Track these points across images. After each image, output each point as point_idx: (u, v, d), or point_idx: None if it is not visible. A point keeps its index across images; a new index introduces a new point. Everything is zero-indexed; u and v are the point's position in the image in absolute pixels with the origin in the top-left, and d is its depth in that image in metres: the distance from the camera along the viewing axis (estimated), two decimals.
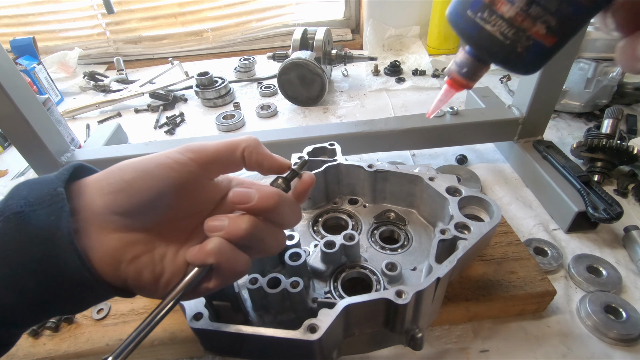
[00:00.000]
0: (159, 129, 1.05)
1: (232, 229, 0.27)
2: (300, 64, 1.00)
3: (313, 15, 1.50)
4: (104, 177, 0.27)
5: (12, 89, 0.65)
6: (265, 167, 0.31)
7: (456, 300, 0.49)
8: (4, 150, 1.02)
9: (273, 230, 0.29)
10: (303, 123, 1.03)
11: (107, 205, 0.26)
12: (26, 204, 0.24)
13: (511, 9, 0.21)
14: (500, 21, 0.21)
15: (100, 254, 0.25)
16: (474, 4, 0.22)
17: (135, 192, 0.26)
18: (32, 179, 0.26)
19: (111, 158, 0.76)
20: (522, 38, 0.21)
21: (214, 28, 1.48)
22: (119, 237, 0.26)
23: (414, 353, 0.49)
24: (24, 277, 0.23)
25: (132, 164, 0.27)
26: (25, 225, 0.23)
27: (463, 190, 0.47)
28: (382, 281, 0.44)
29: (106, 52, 1.48)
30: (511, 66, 0.23)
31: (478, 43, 0.23)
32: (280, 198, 0.28)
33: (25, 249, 0.23)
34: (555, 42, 0.22)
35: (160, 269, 0.27)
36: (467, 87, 0.27)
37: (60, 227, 0.23)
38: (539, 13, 0.20)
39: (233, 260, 0.27)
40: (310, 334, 0.33)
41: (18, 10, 1.43)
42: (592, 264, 0.58)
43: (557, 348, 0.49)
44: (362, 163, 0.53)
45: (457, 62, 0.26)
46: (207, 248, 0.27)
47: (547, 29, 0.21)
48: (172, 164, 0.27)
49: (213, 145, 0.29)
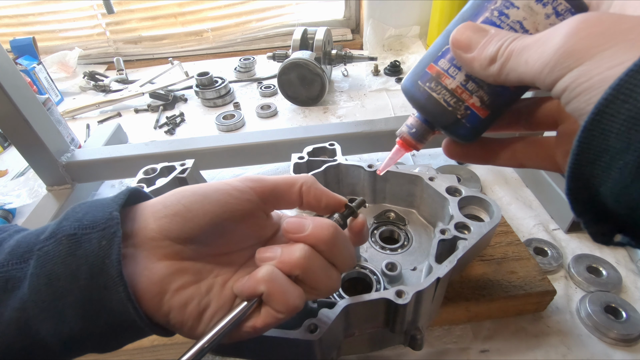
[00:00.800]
0: (159, 129, 1.05)
1: (285, 258, 0.26)
2: (300, 64, 1.00)
3: (313, 15, 1.50)
4: (161, 200, 0.26)
5: (12, 89, 0.65)
6: (323, 203, 0.30)
7: (456, 300, 0.49)
8: (4, 150, 1.02)
9: (327, 267, 0.28)
10: (303, 123, 1.03)
11: (161, 230, 0.25)
12: (80, 227, 0.23)
13: (453, 82, 0.25)
14: (444, 91, 0.25)
15: (147, 283, 0.24)
16: (424, 75, 0.26)
17: (192, 216, 0.25)
18: (90, 201, 0.26)
19: (111, 158, 0.76)
20: (462, 107, 0.25)
21: (214, 28, 1.48)
22: (168, 265, 0.25)
23: (414, 353, 0.49)
24: (67, 305, 0.22)
25: (190, 188, 0.27)
26: (76, 249, 0.23)
27: (463, 190, 0.47)
28: (382, 281, 0.44)
29: (106, 52, 1.48)
30: (452, 131, 0.27)
31: (426, 108, 0.27)
32: (336, 230, 0.27)
33: (72, 275, 0.22)
34: (488, 114, 0.25)
35: (206, 302, 0.26)
36: (416, 148, 0.30)
37: (110, 253, 0.22)
38: (474, 88, 0.25)
39: (286, 291, 0.25)
40: (310, 333, 0.33)
41: (18, 10, 1.43)
42: (592, 264, 0.58)
43: (557, 348, 0.49)
44: (362, 163, 0.53)
45: (408, 125, 0.29)
46: (258, 276, 0.25)
47: (481, 102, 0.25)
48: (232, 191, 0.27)
49: (272, 179, 0.29)
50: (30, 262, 0.23)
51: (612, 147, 0.16)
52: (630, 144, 0.16)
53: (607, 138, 0.16)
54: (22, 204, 0.81)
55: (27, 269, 0.23)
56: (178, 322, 0.25)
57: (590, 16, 0.18)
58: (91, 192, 0.83)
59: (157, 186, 0.55)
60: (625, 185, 0.16)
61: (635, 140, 0.15)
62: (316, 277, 0.27)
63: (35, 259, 0.23)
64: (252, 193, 0.28)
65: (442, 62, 0.25)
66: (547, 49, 0.19)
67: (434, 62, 0.26)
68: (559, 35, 0.18)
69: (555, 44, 0.18)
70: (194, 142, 0.78)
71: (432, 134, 0.29)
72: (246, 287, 0.26)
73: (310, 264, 0.26)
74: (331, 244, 0.27)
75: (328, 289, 0.28)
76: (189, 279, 0.26)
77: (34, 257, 0.23)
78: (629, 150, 0.16)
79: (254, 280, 0.26)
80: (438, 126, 0.28)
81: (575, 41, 0.17)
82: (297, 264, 0.26)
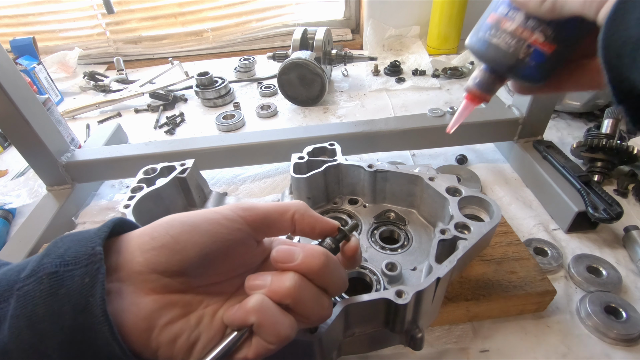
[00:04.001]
0: (159, 129, 1.05)
1: (275, 287, 0.25)
2: (300, 64, 1.00)
3: (313, 15, 1.50)
4: (148, 232, 0.25)
5: (12, 89, 0.65)
6: (317, 230, 0.30)
7: (456, 300, 0.49)
8: (4, 150, 1.02)
9: (318, 295, 0.27)
10: (303, 123, 1.03)
11: (148, 263, 0.24)
12: (62, 263, 0.22)
13: (512, 24, 0.25)
14: (504, 34, 0.25)
15: (134, 319, 0.23)
16: (485, 26, 0.27)
17: (180, 247, 0.25)
18: (71, 233, 0.25)
19: (111, 158, 0.76)
20: (523, 46, 0.25)
21: (214, 28, 1.48)
22: (156, 299, 0.24)
23: (414, 353, 0.49)
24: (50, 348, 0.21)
25: (179, 218, 0.26)
26: (58, 288, 0.21)
27: (463, 190, 0.47)
28: (382, 281, 0.44)
29: (106, 52, 1.48)
30: (518, 74, 0.26)
31: (489, 56, 0.27)
32: (327, 258, 0.27)
33: (55, 316, 0.21)
34: (554, 49, 0.25)
35: (196, 335, 0.25)
36: (485, 99, 0.30)
37: (94, 292, 0.21)
38: (536, 25, 0.24)
39: (276, 321, 0.25)
40: (310, 334, 0.33)
41: (18, 10, 1.43)
42: (592, 264, 0.58)
43: (557, 348, 0.49)
44: (362, 163, 0.53)
45: (474, 78, 0.29)
46: (248, 305, 0.25)
47: (545, 37, 0.24)
48: (221, 220, 0.26)
49: (263, 206, 0.28)
50: (11, 302, 0.22)
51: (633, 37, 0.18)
52: None
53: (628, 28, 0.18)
54: (22, 204, 0.81)
55: (7, 309, 0.22)
56: (168, 357, 0.24)
57: None
58: (91, 192, 0.83)
59: (157, 186, 0.55)
60: None
61: None
62: (307, 305, 0.26)
63: (15, 299, 0.22)
64: (242, 222, 0.27)
65: (501, 8, 0.26)
66: None
67: (493, 11, 0.26)
68: None
69: None
70: (194, 142, 0.78)
71: (500, 83, 0.29)
72: (236, 317, 0.25)
73: (300, 293, 0.26)
74: (322, 272, 0.27)
75: (319, 316, 0.28)
76: (177, 312, 0.25)
77: (14, 297, 0.22)
78: None
79: (243, 311, 0.25)
80: (503, 71, 0.27)
81: None
82: (288, 294, 0.25)
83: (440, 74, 1.19)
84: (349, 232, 0.30)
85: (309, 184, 0.53)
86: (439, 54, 1.31)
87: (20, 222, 0.77)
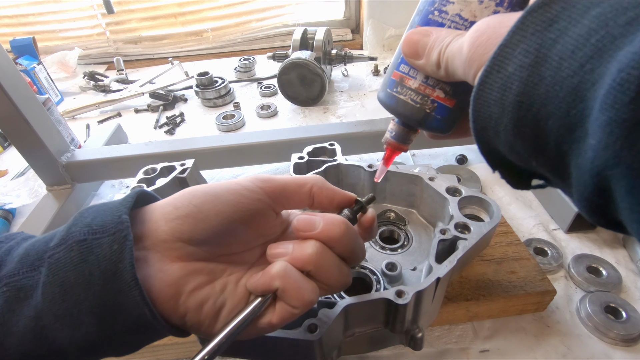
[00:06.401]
0: (159, 129, 1.05)
1: (297, 254, 0.26)
2: (300, 64, 1.00)
3: (313, 15, 1.50)
4: (171, 202, 0.26)
5: (12, 89, 0.65)
6: (335, 202, 0.30)
7: (456, 300, 0.49)
8: (4, 150, 1.02)
9: (338, 263, 0.28)
10: (303, 123, 1.03)
11: (173, 231, 0.25)
12: (89, 232, 0.23)
13: (415, 82, 0.27)
14: (410, 91, 0.28)
15: (162, 285, 0.24)
16: (391, 83, 0.29)
17: (203, 216, 0.25)
18: (96, 204, 0.26)
19: (111, 158, 0.76)
20: (428, 101, 0.27)
21: (214, 28, 1.48)
22: (182, 266, 0.25)
23: (414, 353, 0.49)
24: (82, 312, 0.22)
25: (201, 188, 0.27)
26: (88, 255, 0.22)
27: (463, 190, 0.47)
28: (382, 281, 0.44)
29: (106, 52, 1.48)
30: (427, 126, 0.28)
31: (397, 110, 0.29)
32: (347, 227, 0.28)
33: (86, 281, 0.22)
34: (455, 103, 0.27)
35: (221, 301, 0.26)
36: (402, 149, 0.32)
37: (122, 258, 0.22)
38: (434, 82, 0.27)
39: (300, 286, 0.25)
40: (310, 333, 0.33)
41: (18, 10, 1.43)
42: (592, 264, 0.58)
43: (557, 348, 0.49)
44: (362, 163, 0.53)
45: (390, 131, 0.32)
46: (272, 271, 0.25)
47: (445, 94, 0.27)
48: (242, 190, 0.27)
49: (282, 178, 0.29)
50: (42, 270, 0.23)
51: (494, 114, 0.19)
52: (504, 109, 0.18)
53: (489, 106, 0.19)
54: (22, 204, 0.81)
55: (38, 277, 0.23)
56: (195, 322, 0.25)
57: (481, 24, 0.21)
58: (91, 192, 0.83)
59: (157, 186, 0.55)
60: (511, 145, 0.19)
61: (508, 104, 0.18)
62: (328, 272, 0.27)
63: (47, 266, 0.22)
64: (262, 193, 0.27)
65: (403, 67, 0.28)
66: (461, 59, 0.21)
67: (396, 69, 0.28)
68: (464, 46, 0.21)
69: (463, 54, 0.21)
70: (194, 142, 0.78)
71: (413, 133, 0.31)
72: (260, 282, 0.26)
73: (322, 260, 0.26)
74: (342, 240, 0.27)
75: (340, 283, 0.29)
76: (203, 279, 0.26)
77: (45, 265, 0.23)
78: (504, 114, 0.18)
79: (268, 276, 0.26)
80: (413, 124, 0.30)
81: (473, 51, 0.20)
82: (310, 260, 0.26)
83: None
84: (366, 204, 0.31)
85: None
86: None
87: (20, 222, 0.77)
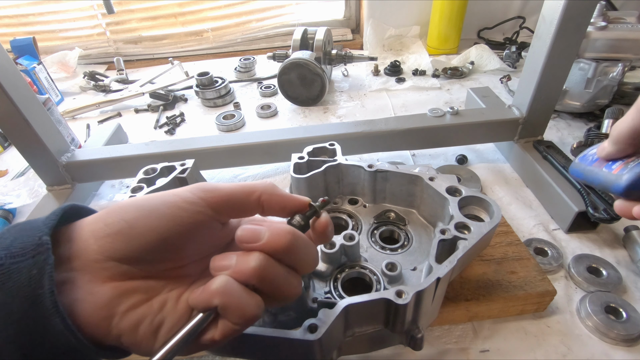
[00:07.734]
0: (159, 129, 1.05)
1: (239, 268, 0.24)
2: (300, 64, 1.00)
3: (313, 15, 1.50)
4: (102, 217, 0.24)
5: (12, 89, 0.65)
6: (288, 209, 0.29)
7: (456, 300, 0.49)
8: (4, 150, 1.02)
9: (286, 274, 0.26)
10: (303, 123, 1.03)
11: (103, 250, 0.23)
12: (8, 255, 0.21)
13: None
14: None
15: (92, 309, 0.22)
16: None
17: (136, 233, 0.24)
18: (19, 224, 0.24)
19: (111, 158, 0.76)
20: None
21: (214, 28, 1.48)
22: (114, 287, 0.23)
23: (414, 353, 0.49)
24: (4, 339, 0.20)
25: (135, 202, 0.25)
26: (6, 281, 0.21)
27: (463, 190, 0.47)
28: (382, 281, 0.44)
29: (106, 52, 1.48)
30: None
31: None
32: (294, 237, 0.26)
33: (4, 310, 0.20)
34: None
35: (159, 319, 0.24)
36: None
37: (42, 284, 0.21)
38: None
39: (242, 302, 0.24)
40: (310, 334, 0.33)
41: (18, 10, 1.43)
42: (592, 264, 0.58)
43: (557, 348, 0.49)
44: (362, 163, 0.53)
45: None
46: (212, 287, 0.24)
47: None
48: (180, 203, 0.25)
49: (227, 187, 0.27)
50: None
51: None
52: None
53: None
54: (22, 204, 0.81)
55: None
56: (132, 343, 0.24)
57: None
58: (91, 192, 0.83)
59: (158, 186, 0.55)
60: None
61: None
62: (274, 285, 0.26)
63: None
64: (203, 204, 0.26)
65: None
66: None
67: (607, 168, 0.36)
68: None
69: None
70: (194, 142, 0.78)
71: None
72: (200, 299, 0.24)
73: (266, 273, 0.25)
74: (289, 251, 0.26)
75: (289, 295, 0.27)
76: (138, 298, 0.24)
77: None
78: None
79: (207, 293, 0.24)
80: None
81: None
82: (253, 274, 0.24)
83: (440, 74, 1.19)
84: (320, 209, 0.29)
85: (309, 184, 0.53)
86: (439, 54, 1.31)
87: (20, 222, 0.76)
